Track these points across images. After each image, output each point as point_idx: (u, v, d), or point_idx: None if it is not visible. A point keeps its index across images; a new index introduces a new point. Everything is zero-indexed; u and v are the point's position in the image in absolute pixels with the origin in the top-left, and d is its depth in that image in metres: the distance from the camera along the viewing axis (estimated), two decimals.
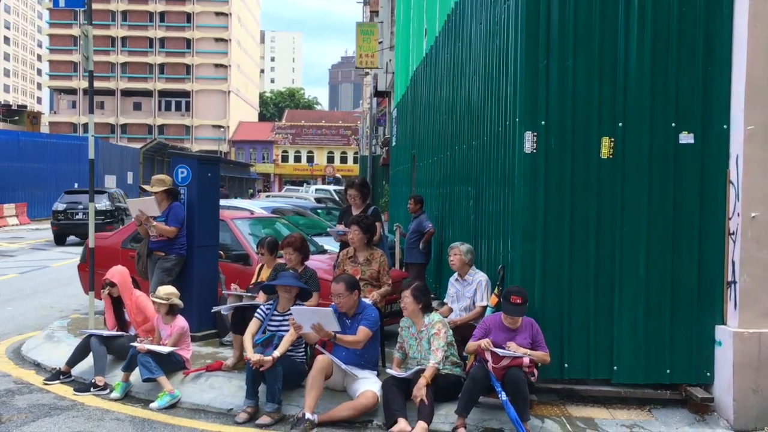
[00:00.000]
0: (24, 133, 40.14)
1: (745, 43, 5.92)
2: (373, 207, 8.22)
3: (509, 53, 6.58)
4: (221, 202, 9.21)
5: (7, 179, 31.98)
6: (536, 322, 5.93)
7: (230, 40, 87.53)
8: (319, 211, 17.02)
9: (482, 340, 5.81)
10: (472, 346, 5.93)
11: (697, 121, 6.14)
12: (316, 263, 7.86)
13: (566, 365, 6.16)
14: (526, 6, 6.11)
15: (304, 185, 54.43)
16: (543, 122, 6.11)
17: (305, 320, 5.97)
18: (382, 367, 6.65)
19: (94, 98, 9.37)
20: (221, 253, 8.58)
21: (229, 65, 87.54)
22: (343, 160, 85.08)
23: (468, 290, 7.05)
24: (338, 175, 64.28)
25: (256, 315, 6.42)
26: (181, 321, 6.82)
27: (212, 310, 7.58)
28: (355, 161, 75.08)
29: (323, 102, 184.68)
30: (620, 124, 6.13)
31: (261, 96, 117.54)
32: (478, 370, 5.76)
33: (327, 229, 10.64)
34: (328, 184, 50.41)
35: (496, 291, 6.62)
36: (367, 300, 6.63)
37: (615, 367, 6.14)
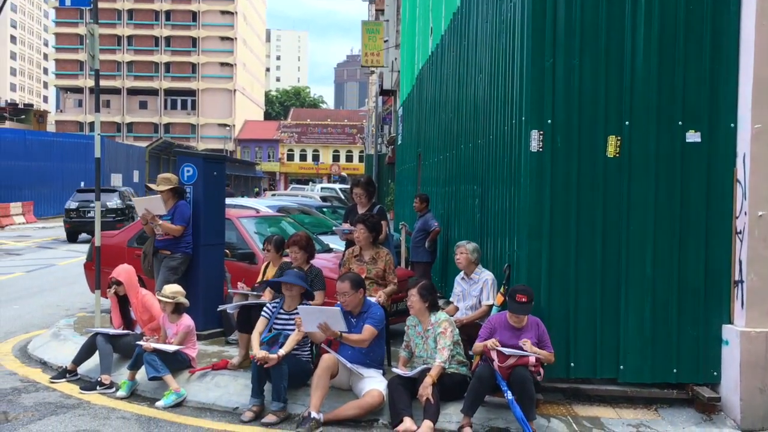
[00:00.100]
0: (30, 132, 40.29)
1: (753, 41, 5.89)
2: (379, 206, 8.20)
3: (515, 52, 6.56)
4: (227, 201, 9.21)
5: (14, 178, 32.05)
6: (542, 322, 5.91)
7: (236, 39, 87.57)
8: (325, 210, 17.04)
9: (489, 341, 5.80)
10: (479, 348, 5.92)
11: (704, 120, 6.11)
12: (322, 262, 7.87)
13: (572, 364, 6.14)
14: (533, 4, 6.09)
15: (310, 184, 54.39)
16: (549, 121, 6.09)
17: (312, 319, 5.96)
18: (388, 366, 6.65)
19: (100, 97, 9.39)
20: (227, 252, 8.59)
21: (235, 64, 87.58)
22: (349, 159, 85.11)
23: (474, 289, 7.03)
24: (344, 174, 64.25)
25: (263, 313, 6.43)
26: (187, 320, 6.83)
27: (218, 309, 7.58)
28: (361, 160, 75.08)
29: (329, 100, 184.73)
30: (627, 123, 6.10)
31: (267, 95, 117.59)
32: (484, 369, 5.74)
33: (333, 228, 10.65)
34: (334, 183, 50.37)
35: (502, 290, 6.60)
36: (373, 299, 6.62)
37: (621, 367, 6.12)
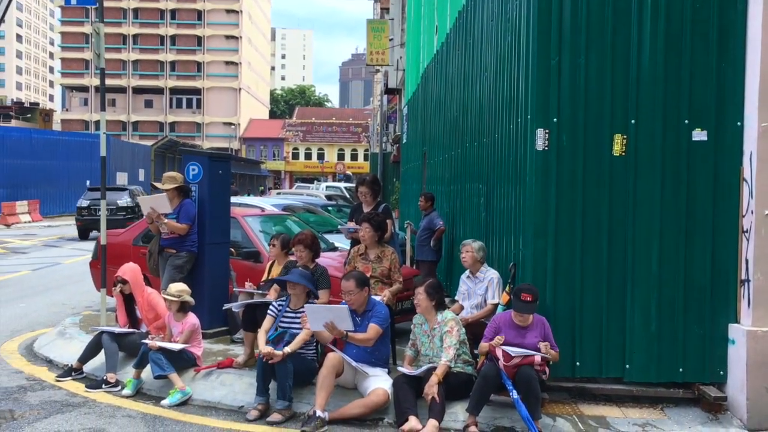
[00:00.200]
0: (36, 131, 40.44)
1: (759, 39, 5.86)
2: (384, 204, 8.20)
3: (521, 50, 6.55)
4: (232, 200, 9.21)
5: (20, 176, 32.14)
6: (548, 321, 5.90)
7: (241, 38, 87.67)
8: (330, 209, 17.05)
9: (495, 339, 5.80)
10: (485, 347, 5.92)
11: (711, 118, 6.09)
12: (327, 260, 7.86)
13: (578, 363, 6.13)
14: (538, 2, 6.07)
15: (315, 182, 54.40)
16: (555, 119, 6.07)
17: (319, 318, 5.96)
18: (393, 365, 6.65)
19: (106, 95, 9.40)
20: (232, 251, 8.59)
21: (240, 62, 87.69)
22: (354, 158, 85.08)
23: (479, 287, 7.02)
24: (349, 173, 64.26)
25: (269, 312, 6.43)
26: (193, 318, 6.83)
27: (223, 308, 7.58)
28: (366, 158, 75.04)
29: (334, 99, 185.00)
30: (633, 121, 6.08)
31: (272, 93, 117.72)
32: (490, 369, 5.73)
33: (338, 227, 10.64)
34: (339, 182, 50.38)
35: (508, 288, 6.60)
36: (378, 298, 6.62)
37: (627, 366, 6.11)
